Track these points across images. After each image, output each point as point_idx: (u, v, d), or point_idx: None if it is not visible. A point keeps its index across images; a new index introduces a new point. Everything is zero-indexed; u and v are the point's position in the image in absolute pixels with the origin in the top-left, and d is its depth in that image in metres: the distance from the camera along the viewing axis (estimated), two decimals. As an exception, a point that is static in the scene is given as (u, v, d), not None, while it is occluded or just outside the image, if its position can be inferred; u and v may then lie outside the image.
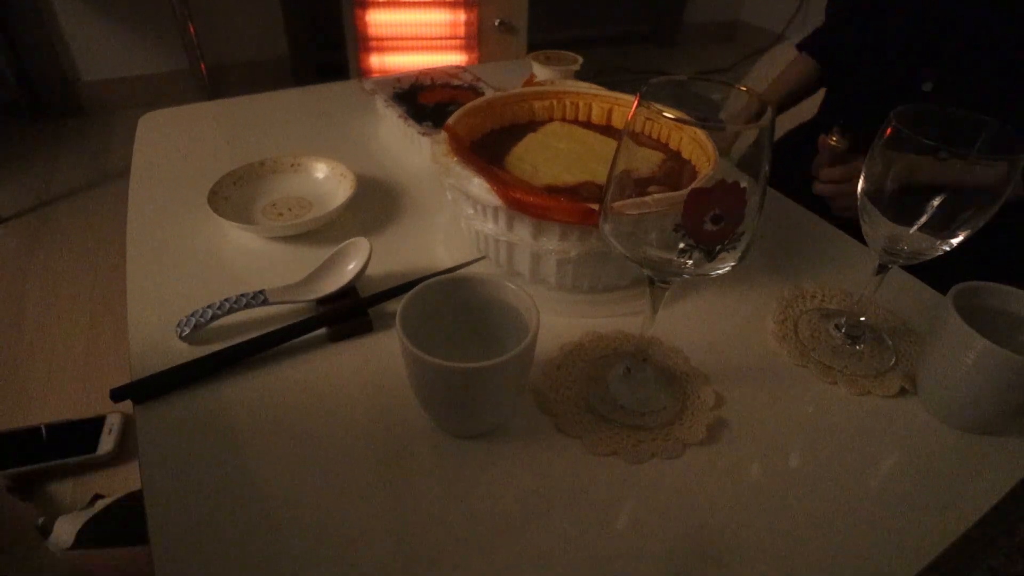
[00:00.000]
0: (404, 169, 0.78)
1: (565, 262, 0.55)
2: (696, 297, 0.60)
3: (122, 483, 1.09)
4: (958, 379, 0.46)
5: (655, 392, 0.50)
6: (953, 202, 0.43)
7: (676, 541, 0.40)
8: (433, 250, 0.65)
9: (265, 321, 0.53)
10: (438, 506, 0.41)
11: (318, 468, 0.43)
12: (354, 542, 0.39)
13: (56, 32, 2.16)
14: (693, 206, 0.35)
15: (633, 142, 0.37)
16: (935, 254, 0.47)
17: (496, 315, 0.46)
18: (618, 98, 0.68)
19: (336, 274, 0.56)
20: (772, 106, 0.35)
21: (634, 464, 0.44)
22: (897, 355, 0.54)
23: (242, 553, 0.38)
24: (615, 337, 0.54)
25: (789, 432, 0.48)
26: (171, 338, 0.51)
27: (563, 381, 0.50)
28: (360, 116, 0.91)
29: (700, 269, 0.38)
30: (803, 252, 0.68)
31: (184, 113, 0.91)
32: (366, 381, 0.50)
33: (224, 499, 0.41)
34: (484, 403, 0.43)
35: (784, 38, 2.85)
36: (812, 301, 0.60)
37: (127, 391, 0.46)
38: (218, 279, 0.59)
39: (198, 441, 0.44)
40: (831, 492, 0.43)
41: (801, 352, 0.54)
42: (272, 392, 0.48)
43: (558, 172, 0.58)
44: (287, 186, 0.72)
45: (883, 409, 0.50)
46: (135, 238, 0.64)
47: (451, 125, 0.60)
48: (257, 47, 2.46)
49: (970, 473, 0.46)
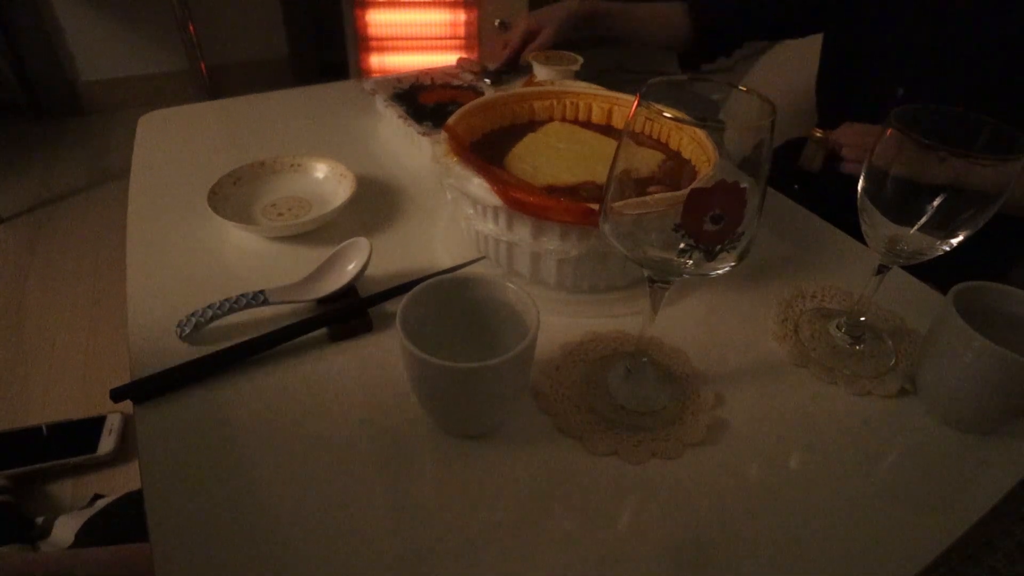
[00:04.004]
0: (404, 169, 0.78)
1: (565, 262, 0.55)
2: (696, 297, 0.60)
3: (122, 483, 1.09)
4: (958, 379, 0.46)
5: (655, 392, 0.50)
6: (953, 202, 0.43)
7: (676, 541, 0.40)
8: (433, 250, 0.65)
9: (265, 321, 0.53)
10: (438, 505, 0.41)
11: (318, 467, 0.43)
12: (354, 541, 0.39)
13: (56, 32, 2.16)
14: (693, 206, 0.35)
15: (633, 142, 0.37)
16: (935, 254, 0.47)
17: (496, 315, 0.46)
18: (618, 98, 0.68)
19: (336, 274, 0.56)
20: (774, 106, 0.35)
21: (634, 464, 0.44)
22: (897, 355, 0.54)
23: (242, 553, 0.38)
24: (615, 337, 0.54)
25: (789, 432, 0.48)
26: (171, 338, 0.51)
27: (563, 381, 0.50)
28: (360, 116, 0.91)
29: (700, 269, 0.38)
30: (803, 252, 0.68)
31: (184, 113, 0.91)
32: (366, 381, 0.50)
33: (224, 499, 0.41)
34: (484, 403, 0.43)
35: (784, 38, 2.85)
36: (812, 301, 0.60)
37: (127, 391, 0.46)
38: (218, 279, 0.59)
39: (198, 441, 0.44)
40: (831, 492, 0.43)
41: (801, 352, 0.54)
42: (272, 392, 0.48)
43: (558, 172, 0.58)
44: (287, 186, 0.72)
45: (883, 409, 0.50)
46: (135, 238, 0.64)
47: (451, 125, 0.60)
48: (257, 47, 2.46)
49: (970, 473, 0.46)
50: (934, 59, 0.84)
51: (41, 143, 2.15)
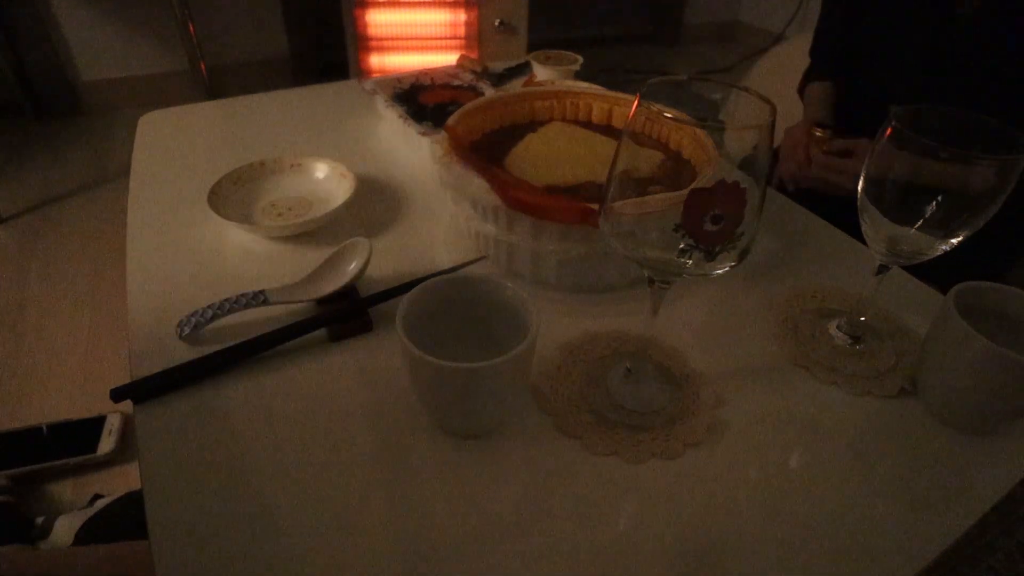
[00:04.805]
0: (404, 169, 0.78)
1: (565, 262, 0.55)
2: (696, 297, 0.60)
3: (122, 483, 1.09)
4: (958, 379, 0.46)
5: (655, 392, 0.50)
6: (953, 202, 0.43)
7: (676, 541, 0.40)
8: (433, 250, 0.65)
9: (265, 321, 0.53)
10: (438, 505, 0.41)
11: (318, 468, 0.43)
12: (354, 541, 0.39)
13: (56, 32, 2.16)
14: (693, 206, 0.35)
15: (633, 142, 0.37)
16: (935, 254, 0.47)
17: (496, 315, 0.46)
18: (618, 98, 0.68)
19: (336, 274, 0.56)
20: (774, 106, 0.35)
21: (634, 464, 0.44)
22: (897, 355, 0.54)
23: (242, 552, 0.38)
24: (615, 337, 0.54)
25: (789, 432, 0.48)
26: (171, 338, 0.51)
27: (563, 381, 0.50)
28: (360, 116, 0.91)
29: (700, 269, 0.38)
30: (803, 252, 0.68)
31: (184, 113, 0.91)
32: (366, 381, 0.50)
33: (224, 499, 0.41)
34: (484, 403, 0.43)
35: (784, 38, 2.85)
36: (812, 301, 0.60)
37: (127, 391, 0.46)
38: (218, 279, 0.59)
39: (198, 441, 0.44)
40: (831, 492, 0.43)
41: (801, 352, 0.54)
42: (272, 392, 0.48)
43: (558, 172, 0.58)
44: (287, 186, 0.72)
45: (883, 409, 0.50)
46: (135, 238, 0.64)
47: (451, 125, 0.60)
48: (257, 47, 2.46)
49: (970, 473, 0.46)
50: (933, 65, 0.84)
51: (41, 143, 2.15)
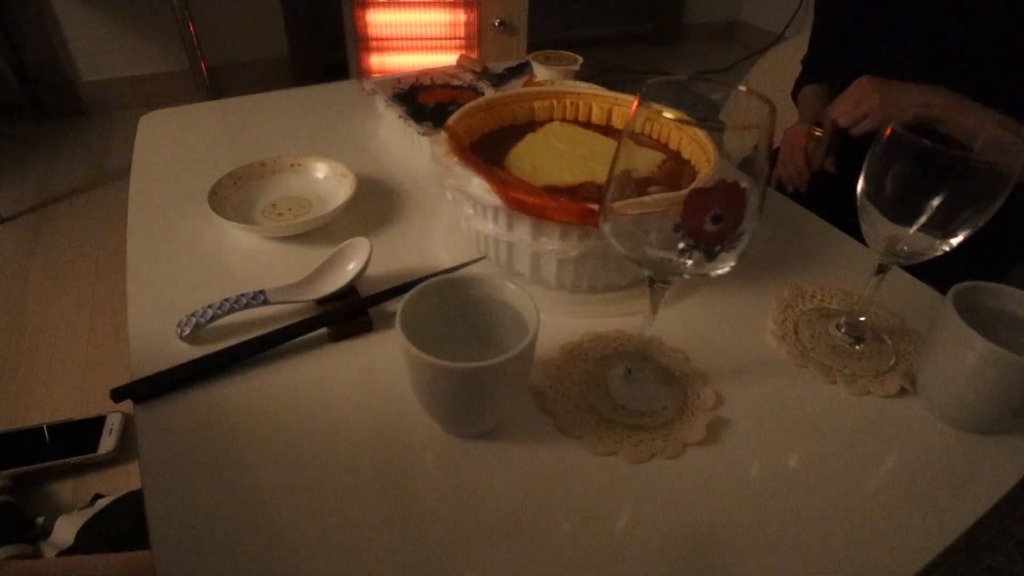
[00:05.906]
0: (404, 169, 0.78)
1: (565, 262, 0.55)
2: (696, 297, 0.60)
3: (122, 483, 1.09)
4: (958, 379, 0.46)
5: (655, 392, 0.50)
6: (953, 202, 0.43)
7: (676, 541, 0.40)
8: (433, 250, 0.65)
9: (265, 321, 0.53)
10: (438, 505, 0.41)
11: (318, 468, 0.43)
12: (354, 541, 0.39)
13: (56, 32, 2.16)
14: (693, 206, 0.35)
15: (633, 142, 0.37)
16: (935, 254, 0.47)
17: (496, 315, 0.46)
18: (618, 98, 0.68)
19: (336, 274, 0.56)
20: (774, 106, 0.35)
21: (634, 464, 0.44)
22: (897, 355, 0.54)
23: (242, 553, 0.38)
24: (615, 337, 0.54)
25: (789, 432, 0.48)
26: (171, 338, 0.51)
27: (563, 381, 0.50)
28: (360, 116, 0.91)
29: (700, 269, 0.38)
30: (803, 252, 0.68)
31: (184, 113, 0.91)
32: (366, 381, 0.50)
33: (224, 499, 0.41)
34: (484, 403, 0.43)
35: (784, 38, 2.85)
36: (812, 301, 0.60)
37: (127, 391, 0.46)
38: (218, 279, 0.59)
39: (198, 441, 0.44)
40: (831, 492, 0.43)
41: (801, 352, 0.54)
42: (272, 392, 0.48)
43: (558, 172, 0.58)
44: (287, 186, 0.72)
45: (883, 409, 0.50)
46: (135, 238, 0.64)
47: (451, 125, 0.60)
48: (257, 47, 2.46)
49: (970, 473, 0.46)
50: (932, 55, 0.84)
51: (41, 143, 2.15)
